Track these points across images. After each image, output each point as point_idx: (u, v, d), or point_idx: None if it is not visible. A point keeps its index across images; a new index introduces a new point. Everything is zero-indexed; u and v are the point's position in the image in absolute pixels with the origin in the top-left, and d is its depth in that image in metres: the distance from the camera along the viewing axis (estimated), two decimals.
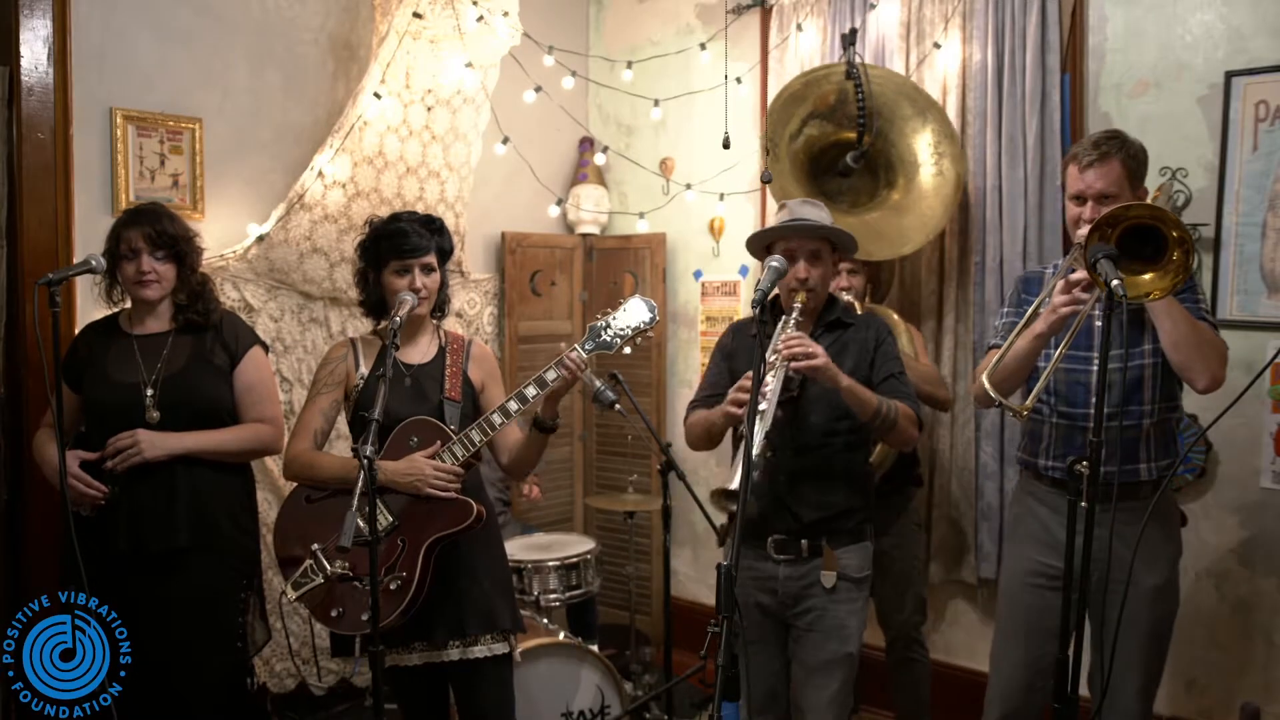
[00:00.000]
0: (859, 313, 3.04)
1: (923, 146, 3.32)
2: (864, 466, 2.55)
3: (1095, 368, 2.34)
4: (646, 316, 2.43)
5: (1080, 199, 2.37)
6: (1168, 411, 2.40)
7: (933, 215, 3.25)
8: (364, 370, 2.49)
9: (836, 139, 3.43)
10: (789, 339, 2.29)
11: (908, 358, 3.00)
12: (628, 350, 2.45)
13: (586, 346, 2.41)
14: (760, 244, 2.55)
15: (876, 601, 3.15)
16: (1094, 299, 2.20)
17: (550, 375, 2.37)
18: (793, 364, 2.25)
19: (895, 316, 3.18)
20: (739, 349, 2.57)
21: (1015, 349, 2.34)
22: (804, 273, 2.42)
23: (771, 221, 2.57)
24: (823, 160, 3.48)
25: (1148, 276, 2.01)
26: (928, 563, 3.43)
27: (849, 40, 3.37)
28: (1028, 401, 2.22)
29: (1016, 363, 2.34)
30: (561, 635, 3.16)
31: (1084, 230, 2.29)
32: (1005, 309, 2.57)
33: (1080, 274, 2.20)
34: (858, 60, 3.34)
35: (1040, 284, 2.55)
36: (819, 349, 2.28)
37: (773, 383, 2.22)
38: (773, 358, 2.26)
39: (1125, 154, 2.34)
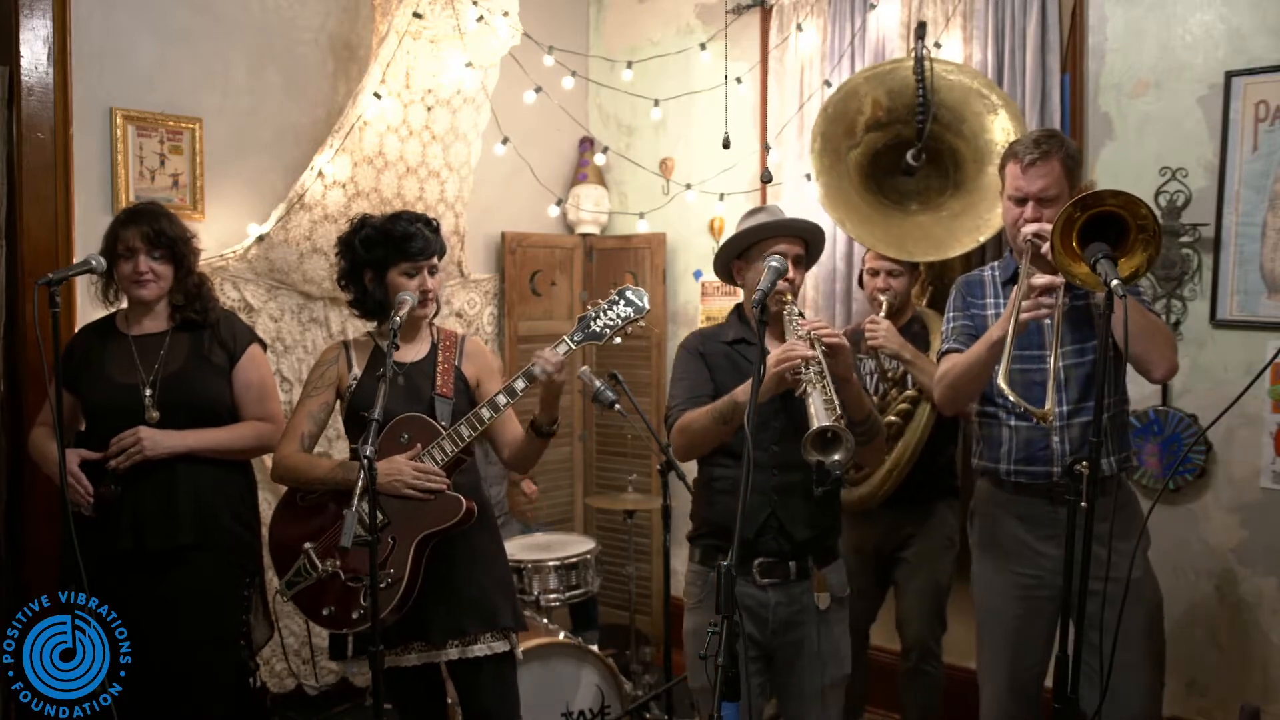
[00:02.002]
0: (881, 314, 3.04)
1: (989, 145, 3.18)
2: (838, 485, 2.48)
3: (1049, 366, 2.33)
4: (637, 307, 2.43)
5: (1021, 199, 2.36)
6: (1120, 405, 2.38)
7: (990, 216, 3.10)
8: (357, 371, 2.49)
9: (898, 137, 3.32)
10: (810, 321, 2.24)
11: (932, 364, 2.96)
12: (618, 340, 2.44)
13: (575, 337, 2.41)
14: (740, 248, 2.43)
15: (898, 610, 3.12)
16: (1057, 302, 2.18)
17: (536, 369, 2.37)
18: (824, 338, 2.18)
19: (940, 321, 3.13)
20: (712, 354, 2.45)
21: (973, 356, 2.32)
22: (792, 273, 2.33)
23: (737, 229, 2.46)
24: (883, 161, 3.37)
25: (1120, 262, 1.99)
26: (957, 578, 3.25)
27: (920, 33, 3.26)
28: (1048, 406, 2.18)
29: (976, 369, 2.32)
30: (561, 635, 3.16)
31: (1029, 229, 2.28)
32: (952, 313, 2.53)
33: (1041, 279, 2.18)
34: (925, 53, 3.23)
35: (981, 286, 2.53)
36: (838, 332, 2.26)
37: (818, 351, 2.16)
38: (803, 333, 2.20)
39: (1065, 153, 2.34)
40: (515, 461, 2.56)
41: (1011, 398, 2.14)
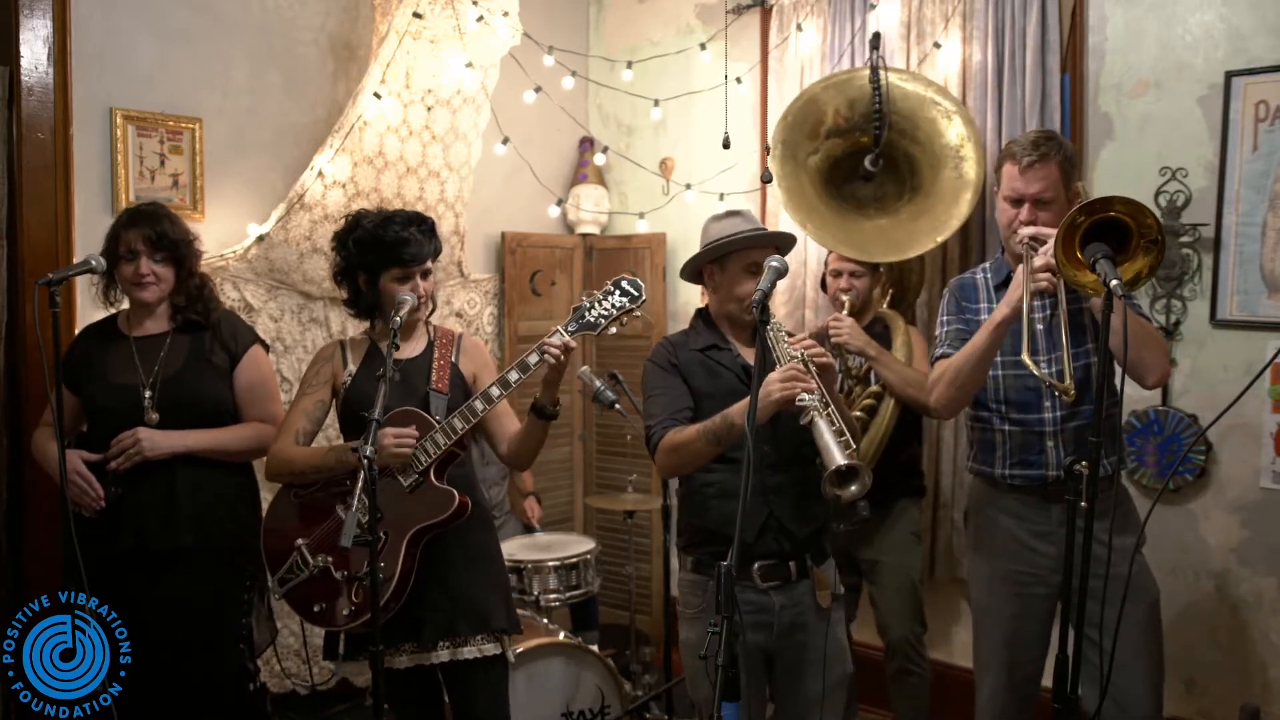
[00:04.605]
0: (843, 314, 3.05)
1: (945, 149, 3.25)
2: (864, 521, 2.50)
3: (1046, 371, 2.33)
4: (632, 296, 2.39)
5: (1017, 201, 2.35)
6: (1112, 407, 2.37)
7: (947, 218, 3.19)
8: (352, 369, 2.49)
9: (856, 145, 3.39)
10: (799, 339, 2.24)
11: (896, 361, 3.00)
12: (613, 330, 2.40)
13: (570, 327, 2.36)
14: (719, 253, 2.40)
15: (876, 614, 3.13)
16: (1058, 281, 2.18)
17: (532, 359, 2.34)
18: (815, 359, 2.18)
19: (900, 321, 3.17)
20: (686, 364, 2.41)
21: (974, 345, 2.32)
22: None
23: (713, 235, 2.43)
24: (843, 167, 3.43)
25: (1121, 267, 1.99)
26: (925, 572, 3.37)
27: (874, 44, 3.33)
28: (1068, 381, 2.19)
29: (978, 359, 2.32)
30: (561, 635, 3.16)
31: (1026, 232, 2.28)
32: (945, 316, 2.52)
33: (1040, 259, 2.18)
34: (880, 63, 3.28)
35: (975, 290, 2.52)
36: (825, 351, 2.25)
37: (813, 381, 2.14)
38: (796, 354, 2.18)
39: (1062, 155, 2.34)
40: (514, 455, 2.51)
41: (1036, 372, 2.15)
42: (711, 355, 2.40)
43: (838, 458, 2.01)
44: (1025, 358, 2.17)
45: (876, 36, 3.34)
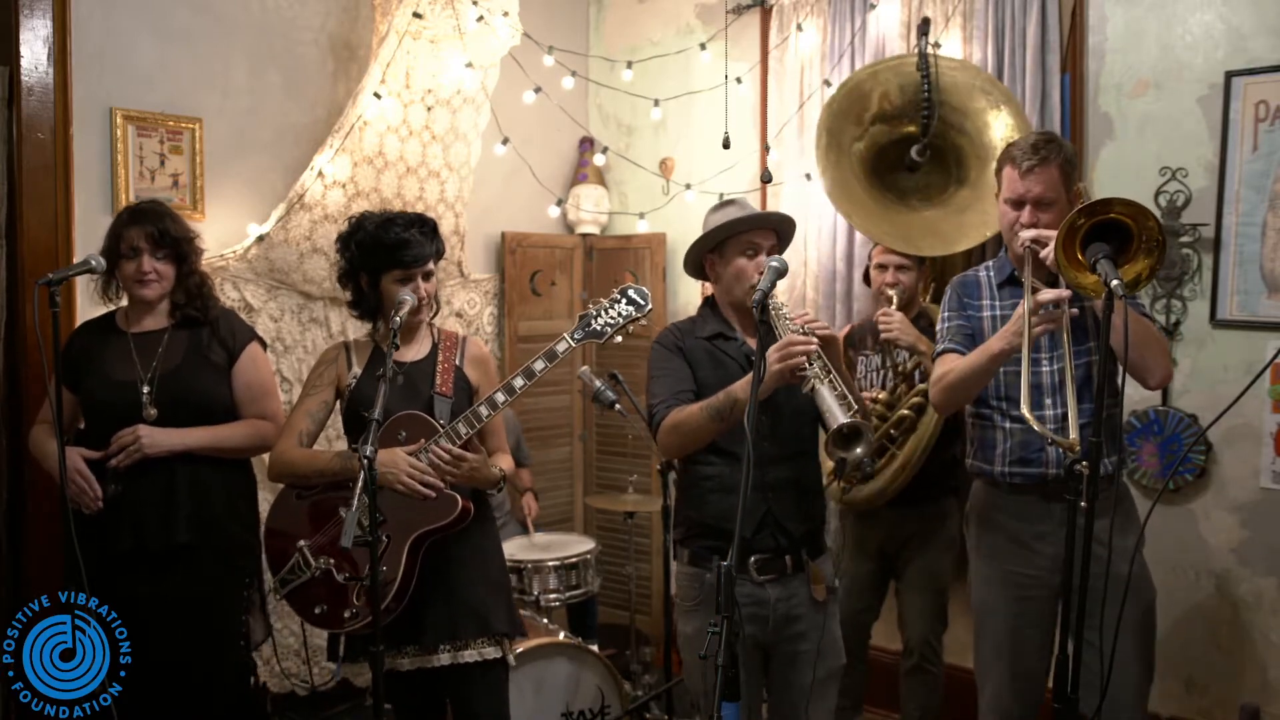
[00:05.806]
0: (892, 309, 3.01)
1: (994, 140, 3.16)
2: (820, 475, 2.49)
3: (1047, 369, 2.33)
4: (638, 305, 2.42)
5: (1019, 204, 2.35)
6: (1113, 407, 2.35)
7: (995, 211, 3.14)
8: (356, 371, 2.49)
9: (901, 134, 3.33)
10: (800, 315, 2.22)
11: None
12: (618, 339, 2.43)
13: (576, 335, 2.40)
14: (714, 242, 2.41)
15: (899, 608, 3.13)
16: (1065, 312, 2.18)
17: (538, 365, 2.37)
18: (816, 330, 2.17)
19: None
20: (692, 350, 2.42)
21: (972, 364, 2.32)
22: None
23: (712, 225, 2.44)
24: (887, 157, 3.37)
25: (1122, 269, 1.98)
26: (957, 575, 3.25)
27: (923, 29, 3.27)
28: (1073, 436, 2.15)
29: (974, 377, 2.32)
30: (561, 635, 3.16)
31: (1027, 234, 2.27)
32: (947, 313, 2.52)
33: (1048, 294, 2.17)
34: (930, 50, 3.24)
35: (977, 287, 2.51)
36: (827, 324, 2.25)
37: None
38: (796, 328, 2.17)
39: (1062, 157, 2.33)
40: None
41: (1036, 428, 2.13)
42: (718, 344, 2.41)
43: (840, 416, 2.00)
44: (1025, 411, 2.14)
45: (926, 22, 3.30)
